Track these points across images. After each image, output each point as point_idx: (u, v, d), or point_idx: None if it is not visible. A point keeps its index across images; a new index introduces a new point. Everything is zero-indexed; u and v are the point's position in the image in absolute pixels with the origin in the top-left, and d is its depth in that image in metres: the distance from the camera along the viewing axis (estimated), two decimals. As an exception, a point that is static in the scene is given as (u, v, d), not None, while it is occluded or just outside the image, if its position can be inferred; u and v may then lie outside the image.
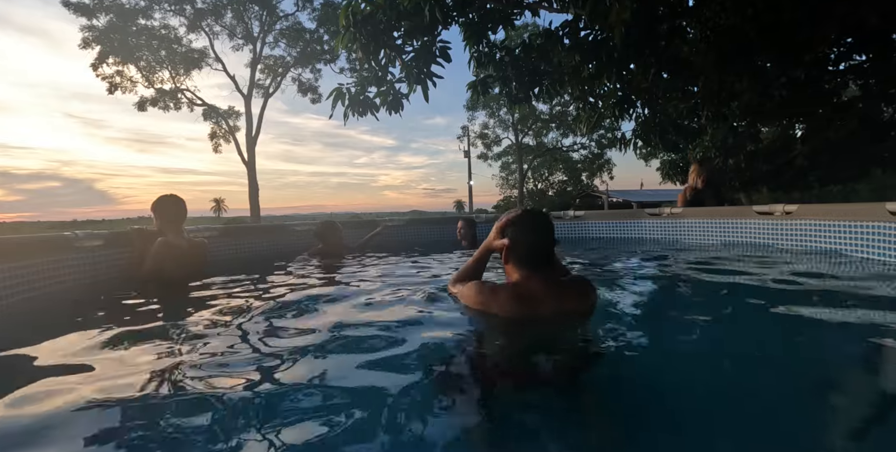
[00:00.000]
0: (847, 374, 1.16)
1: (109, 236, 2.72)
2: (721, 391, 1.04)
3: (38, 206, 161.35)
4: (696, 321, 1.58)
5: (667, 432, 0.86)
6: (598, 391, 1.08)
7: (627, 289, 2.12)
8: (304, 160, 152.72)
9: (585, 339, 1.39)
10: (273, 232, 4.17)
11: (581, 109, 5.12)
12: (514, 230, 1.51)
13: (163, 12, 18.53)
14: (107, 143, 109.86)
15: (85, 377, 1.12)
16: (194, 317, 1.73)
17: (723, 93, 4.49)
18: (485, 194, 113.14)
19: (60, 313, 1.97)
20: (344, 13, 3.52)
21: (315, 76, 21.39)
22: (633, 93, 4.51)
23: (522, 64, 4.28)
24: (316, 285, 2.42)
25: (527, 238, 1.49)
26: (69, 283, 2.42)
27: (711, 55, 4.04)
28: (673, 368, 1.18)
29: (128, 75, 18.79)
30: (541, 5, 4.07)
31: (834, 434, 0.87)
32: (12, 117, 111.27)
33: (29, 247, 2.23)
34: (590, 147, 26.75)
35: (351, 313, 1.74)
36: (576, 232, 4.80)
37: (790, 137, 7.65)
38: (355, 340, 1.38)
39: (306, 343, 1.35)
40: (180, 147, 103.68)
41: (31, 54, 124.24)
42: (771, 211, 3.43)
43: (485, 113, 26.48)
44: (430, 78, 3.84)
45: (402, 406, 0.94)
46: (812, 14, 3.98)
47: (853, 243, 2.81)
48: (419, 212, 63.02)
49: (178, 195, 2.73)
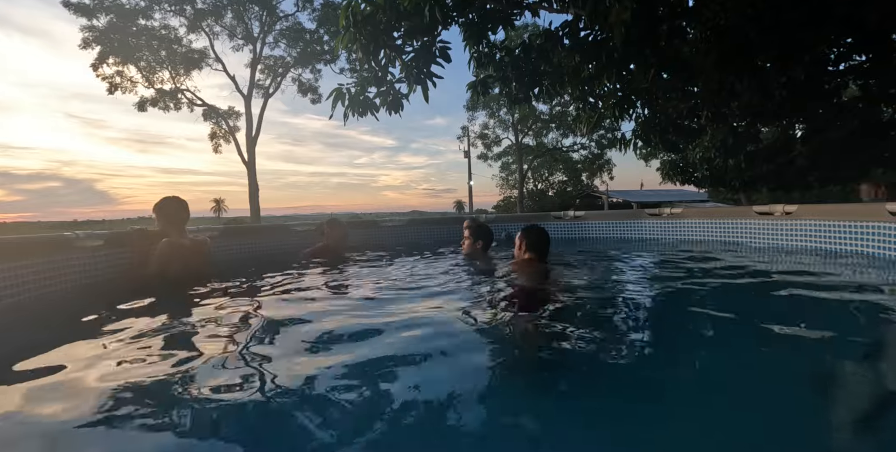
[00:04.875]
0: (846, 373, 1.16)
1: (110, 236, 2.72)
2: (718, 388, 1.04)
3: (39, 206, 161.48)
4: (695, 322, 1.58)
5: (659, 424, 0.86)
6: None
7: (626, 289, 2.12)
8: (304, 160, 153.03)
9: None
10: (273, 232, 4.17)
11: (581, 109, 5.11)
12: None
13: (163, 13, 18.54)
14: (107, 143, 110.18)
15: (86, 377, 1.12)
16: (196, 317, 1.73)
17: (723, 93, 4.48)
18: (485, 195, 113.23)
19: (61, 313, 1.97)
20: (344, 13, 3.52)
21: (315, 76, 21.42)
22: (633, 93, 4.51)
23: (522, 64, 4.28)
24: (316, 285, 2.42)
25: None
26: (69, 283, 2.42)
27: (711, 55, 4.03)
28: (665, 363, 1.18)
29: (128, 75, 18.80)
30: (541, 6, 4.07)
31: (835, 431, 0.87)
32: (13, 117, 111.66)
33: (29, 247, 2.23)
34: (590, 147, 26.75)
35: (351, 312, 1.74)
36: (576, 232, 4.79)
37: (790, 137, 7.65)
38: (355, 340, 1.38)
39: (308, 343, 1.35)
40: (180, 147, 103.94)
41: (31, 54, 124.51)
42: (771, 211, 3.43)
43: (485, 113, 26.48)
44: (430, 78, 3.84)
45: (407, 403, 0.94)
46: (812, 14, 3.98)
47: (853, 243, 2.81)
48: (419, 212, 63.06)
49: (180, 197, 2.74)
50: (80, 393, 1.02)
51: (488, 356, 1.32)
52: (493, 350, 1.37)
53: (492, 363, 1.26)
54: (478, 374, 1.16)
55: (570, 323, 1.55)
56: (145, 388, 1.04)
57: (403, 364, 1.18)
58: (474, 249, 3.09)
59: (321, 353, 1.28)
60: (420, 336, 1.40)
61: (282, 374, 1.12)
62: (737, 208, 4.08)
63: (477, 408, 0.98)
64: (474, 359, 1.27)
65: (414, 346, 1.32)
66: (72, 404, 0.97)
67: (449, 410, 0.95)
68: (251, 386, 1.04)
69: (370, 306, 1.87)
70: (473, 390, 1.06)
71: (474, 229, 3.13)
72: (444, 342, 1.35)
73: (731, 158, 7.21)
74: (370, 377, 1.10)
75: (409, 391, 1.02)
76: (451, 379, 1.11)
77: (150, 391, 1.03)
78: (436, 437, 0.85)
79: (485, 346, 1.41)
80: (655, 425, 0.88)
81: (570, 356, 1.27)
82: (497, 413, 0.96)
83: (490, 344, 1.42)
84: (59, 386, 1.08)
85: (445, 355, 1.27)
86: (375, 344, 1.33)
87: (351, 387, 1.05)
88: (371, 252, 3.80)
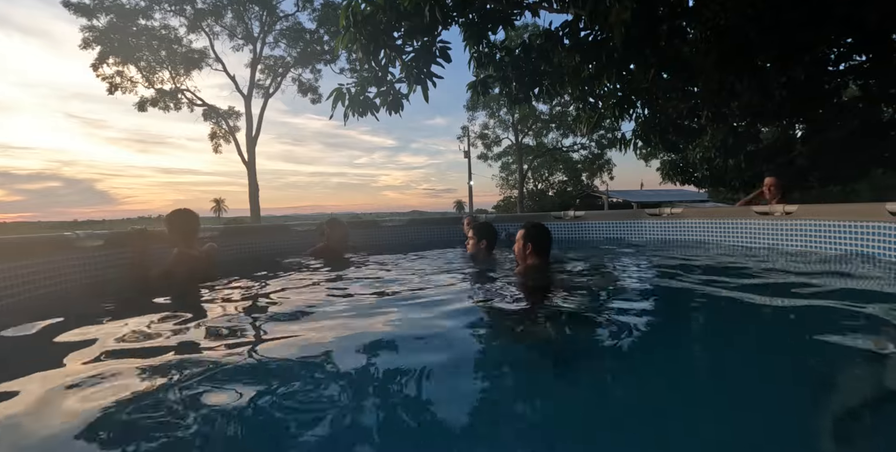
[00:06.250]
0: (846, 373, 1.16)
1: (110, 236, 2.73)
2: (717, 388, 1.04)
3: (39, 206, 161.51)
4: (693, 321, 1.58)
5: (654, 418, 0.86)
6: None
7: (628, 289, 2.12)
8: (304, 160, 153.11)
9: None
10: (273, 232, 4.17)
11: (581, 109, 5.11)
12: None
13: (163, 13, 18.56)
14: (107, 143, 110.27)
15: (86, 378, 1.12)
16: (196, 318, 1.73)
17: (723, 93, 4.48)
18: (485, 195, 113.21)
19: (61, 313, 1.97)
20: (344, 13, 3.52)
21: (315, 76, 21.43)
22: (633, 93, 4.50)
23: (522, 64, 4.28)
24: (316, 285, 2.42)
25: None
26: (69, 283, 2.42)
27: (711, 55, 4.03)
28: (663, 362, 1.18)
29: (128, 76, 18.81)
30: (541, 5, 4.07)
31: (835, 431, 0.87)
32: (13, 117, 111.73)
33: (29, 247, 2.23)
34: (590, 147, 26.77)
35: (351, 313, 1.74)
36: (576, 232, 4.79)
37: (790, 137, 7.64)
38: (355, 341, 1.38)
39: (308, 343, 1.35)
40: (181, 147, 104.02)
41: (31, 54, 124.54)
42: (771, 211, 3.43)
43: (485, 113, 26.50)
44: (430, 78, 3.84)
45: (408, 404, 0.94)
46: (812, 14, 3.98)
47: (853, 243, 2.81)
48: (419, 212, 63.07)
49: (190, 209, 2.77)
50: (80, 393, 1.02)
51: (491, 357, 1.32)
52: (496, 350, 1.37)
53: (495, 363, 1.26)
54: (481, 374, 1.16)
55: (575, 323, 1.55)
56: (141, 388, 1.04)
57: (404, 364, 1.18)
58: (479, 249, 3.04)
59: (321, 354, 1.28)
60: (421, 336, 1.40)
61: (282, 374, 1.12)
62: (736, 208, 4.07)
63: (480, 408, 0.98)
64: (476, 359, 1.27)
65: (415, 346, 1.32)
66: (70, 405, 0.97)
67: (452, 410, 0.95)
68: (251, 386, 1.04)
69: (371, 306, 1.87)
70: (477, 390, 1.06)
71: (478, 229, 3.09)
72: (446, 342, 1.35)
73: (731, 158, 7.20)
74: (371, 378, 1.10)
75: (410, 390, 1.02)
76: (453, 379, 1.11)
77: (146, 391, 1.02)
78: (440, 438, 0.85)
79: (487, 346, 1.41)
80: (658, 425, 0.89)
81: (578, 355, 1.27)
82: (504, 413, 0.96)
83: (494, 344, 1.42)
84: (60, 386, 1.08)
85: (448, 355, 1.27)
86: (376, 345, 1.33)
87: (351, 387, 1.05)
88: (371, 253, 3.80)
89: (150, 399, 0.99)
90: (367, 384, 1.07)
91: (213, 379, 1.09)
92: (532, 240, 2.29)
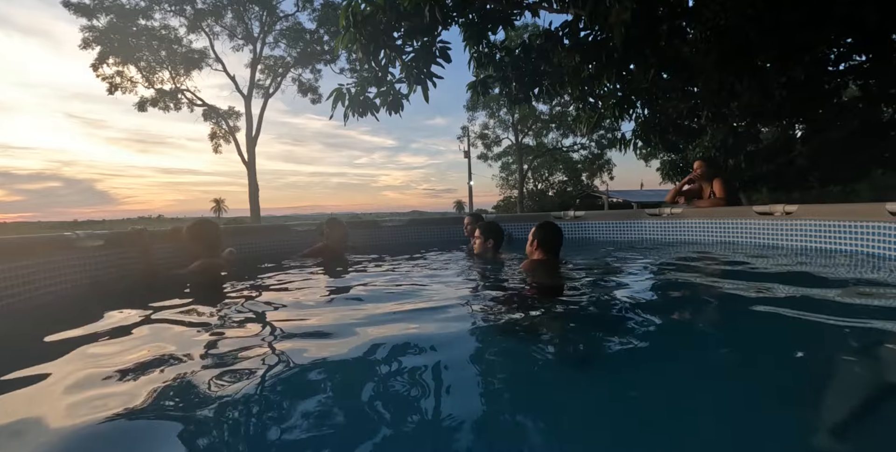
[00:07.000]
0: (846, 373, 1.16)
1: (110, 236, 2.73)
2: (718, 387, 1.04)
3: (39, 206, 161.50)
4: (693, 321, 1.58)
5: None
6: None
7: (629, 289, 2.12)
8: (304, 160, 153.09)
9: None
10: (273, 232, 4.17)
11: (581, 109, 5.12)
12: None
13: (163, 13, 18.57)
14: (107, 143, 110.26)
15: (86, 378, 1.12)
16: (195, 318, 1.73)
17: (723, 93, 4.48)
18: (485, 195, 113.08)
19: (61, 313, 1.97)
20: (344, 14, 3.52)
21: (315, 76, 21.45)
22: (633, 93, 4.51)
23: (522, 64, 4.29)
24: (316, 285, 2.42)
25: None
26: (69, 284, 2.42)
27: (711, 55, 4.04)
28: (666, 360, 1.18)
29: (128, 76, 18.83)
30: (541, 6, 4.07)
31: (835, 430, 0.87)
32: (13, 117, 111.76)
33: (29, 247, 2.23)
34: (590, 147, 26.75)
35: (351, 313, 1.74)
36: (576, 232, 4.79)
37: (790, 137, 7.64)
38: (355, 341, 1.38)
39: (307, 344, 1.35)
40: (181, 147, 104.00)
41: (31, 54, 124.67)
42: (771, 211, 3.43)
43: (485, 113, 26.49)
44: (430, 78, 3.84)
45: (408, 404, 0.94)
46: (812, 14, 3.98)
47: (853, 243, 2.81)
48: (419, 212, 63.10)
49: (211, 220, 2.83)
50: (81, 394, 1.02)
51: (494, 357, 1.32)
52: (501, 350, 1.37)
53: (501, 363, 1.26)
54: (482, 373, 1.16)
55: (580, 322, 1.55)
56: (141, 387, 1.04)
57: (407, 365, 1.18)
58: (486, 248, 3.02)
59: (320, 355, 1.28)
60: (423, 337, 1.40)
61: (282, 374, 1.12)
62: (737, 208, 4.07)
63: (480, 408, 0.98)
64: (477, 359, 1.27)
65: (416, 346, 1.32)
66: (70, 405, 0.97)
67: (454, 410, 0.95)
68: (251, 386, 1.04)
69: (371, 307, 1.87)
70: (479, 389, 1.06)
71: (485, 228, 3.06)
72: (449, 342, 1.35)
73: (731, 158, 7.20)
74: (372, 378, 1.10)
75: (411, 391, 1.02)
76: (455, 379, 1.11)
77: (146, 391, 1.03)
78: (441, 437, 0.85)
79: (491, 346, 1.41)
80: (660, 424, 0.89)
81: (583, 354, 1.27)
82: (507, 412, 0.96)
83: (500, 344, 1.42)
84: (59, 387, 1.08)
85: (450, 355, 1.26)
86: (377, 345, 1.33)
87: (352, 387, 1.05)
88: (371, 253, 3.80)
89: (150, 399, 0.99)
90: (371, 384, 1.07)
91: (214, 379, 1.09)
92: (539, 237, 2.38)
